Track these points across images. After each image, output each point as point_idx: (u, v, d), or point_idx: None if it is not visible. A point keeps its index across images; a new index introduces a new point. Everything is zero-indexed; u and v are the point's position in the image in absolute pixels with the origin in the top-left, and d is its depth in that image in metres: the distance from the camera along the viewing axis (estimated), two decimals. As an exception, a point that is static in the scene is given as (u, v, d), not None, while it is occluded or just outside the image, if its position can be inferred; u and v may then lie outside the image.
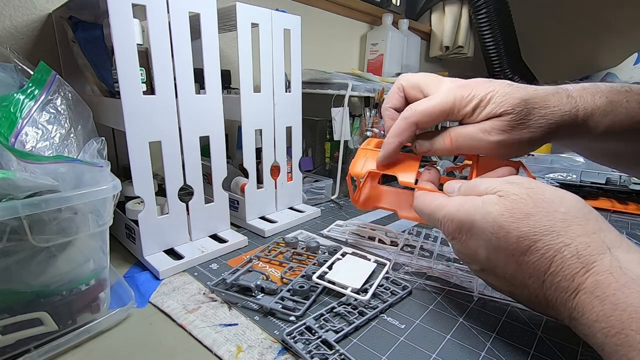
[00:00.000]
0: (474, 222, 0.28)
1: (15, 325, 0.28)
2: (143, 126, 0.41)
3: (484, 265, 0.30)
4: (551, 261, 0.24)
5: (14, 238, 0.26)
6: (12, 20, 0.55)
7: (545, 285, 0.25)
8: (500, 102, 0.33)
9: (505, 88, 0.34)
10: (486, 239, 0.28)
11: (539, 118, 0.33)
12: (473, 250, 0.29)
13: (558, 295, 0.25)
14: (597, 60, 1.71)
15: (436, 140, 0.37)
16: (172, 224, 0.46)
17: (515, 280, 0.28)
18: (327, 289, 0.38)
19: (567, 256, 0.24)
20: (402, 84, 0.40)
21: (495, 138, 0.33)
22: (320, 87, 0.78)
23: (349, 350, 0.30)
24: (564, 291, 0.24)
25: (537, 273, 0.25)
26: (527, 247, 0.25)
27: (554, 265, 0.24)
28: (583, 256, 0.24)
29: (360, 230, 0.54)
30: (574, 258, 0.24)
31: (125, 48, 0.38)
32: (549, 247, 0.25)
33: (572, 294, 0.24)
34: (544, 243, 0.25)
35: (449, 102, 0.35)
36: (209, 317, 0.35)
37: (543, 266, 0.25)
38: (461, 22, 1.46)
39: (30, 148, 0.36)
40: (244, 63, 0.51)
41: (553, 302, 0.25)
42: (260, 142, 0.56)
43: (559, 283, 0.24)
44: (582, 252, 0.24)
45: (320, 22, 1.08)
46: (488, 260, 0.29)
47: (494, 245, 0.27)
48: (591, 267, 0.23)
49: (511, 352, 0.31)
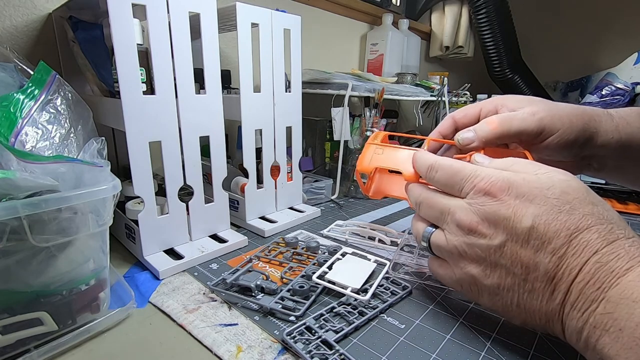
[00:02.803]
0: (535, 188, 0.27)
1: (15, 325, 0.28)
2: (143, 126, 0.41)
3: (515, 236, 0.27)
4: (609, 243, 0.25)
5: (14, 238, 0.26)
6: (12, 20, 0.55)
7: (587, 264, 0.25)
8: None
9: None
10: (545, 208, 0.26)
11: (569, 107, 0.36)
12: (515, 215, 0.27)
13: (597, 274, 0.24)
14: (597, 60, 1.71)
15: (479, 128, 0.36)
16: (172, 224, 0.46)
17: (545, 258, 0.26)
18: (327, 289, 0.38)
19: (627, 245, 0.25)
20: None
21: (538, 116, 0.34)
22: (320, 87, 0.78)
23: (349, 350, 0.30)
24: (611, 270, 0.24)
25: (585, 251, 0.25)
26: (589, 226, 0.25)
27: (609, 247, 0.24)
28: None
29: (360, 230, 0.54)
30: (633, 247, 0.24)
31: (125, 48, 0.38)
32: (611, 232, 0.25)
33: (619, 272, 0.23)
34: (607, 228, 0.25)
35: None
36: (209, 317, 0.35)
37: (596, 246, 0.25)
38: (461, 22, 1.46)
39: (30, 148, 0.36)
40: (244, 63, 0.51)
41: (582, 283, 0.25)
42: (260, 142, 0.56)
43: (607, 262, 0.24)
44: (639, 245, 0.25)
45: (320, 22, 1.08)
46: (530, 230, 0.26)
47: (552, 215, 0.26)
48: None
49: (511, 352, 0.31)
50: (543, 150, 0.36)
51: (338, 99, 0.73)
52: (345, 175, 0.74)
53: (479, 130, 0.35)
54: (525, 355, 0.30)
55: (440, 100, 1.03)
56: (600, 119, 0.36)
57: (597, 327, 0.24)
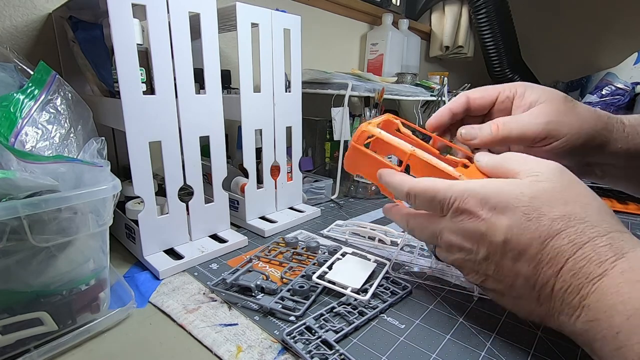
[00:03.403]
0: (503, 200, 0.27)
1: (15, 325, 0.28)
2: (143, 126, 0.41)
3: (494, 249, 0.27)
4: (580, 247, 0.24)
5: (14, 238, 0.26)
6: (12, 20, 0.55)
7: (562, 272, 0.25)
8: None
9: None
10: (514, 219, 0.26)
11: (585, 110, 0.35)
12: (490, 230, 0.27)
13: (574, 281, 0.24)
14: (597, 60, 1.71)
15: (482, 129, 0.36)
16: (172, 224, 0.46)
17: (524, 267, 0.26)
18: (327, 289, 0.38)
19: (599, 245, 0.24)
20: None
21: (543, 119, 0.33)
22: (320, 87, 0.78)
23: (349, 350, 0.30)
24: (585, 276, 0.24)
25: (558, 258, 0.25)
26: (558, 231, 0.25)
27: (580, 252, 0.24)
28: (616, 246, 0.24)
29: (360, 230, 0.54)
30: (606, 247, 0.24)
31: (125, 48, 0.38)
32: (582, 233, 0.25)
33: (594, 279, 0.23)
34: (577, 230, 0.25)
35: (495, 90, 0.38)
36: (209, 317, 0.35)
37: (568, 251, 0.25)
38: (461, 22, 1.46)
39: (30, 148, 0.36)
40: (244, 63, 0.51)
41: (561, 290, 0.25)
42: (260, 142, 0.56)
43: (580, 269, 0.24)
44: (616, 243, 0.24)
45: (320, 22, 1.08)
46: (505, 243, 0.27)
47: (521, 226, 0.26)
48: (623, 255, 0.23)
49: (511, 352, 0.31)
50: (544, 154, 0.35)
51: (338, 99, 0.73)
52: (345, 175, 0.74)
53: (482, 131, 0.35)
54: (525, 355, 0.30)
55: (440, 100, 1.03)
56: (613, 127, 0.35)
57: (584, 334, 0.24)
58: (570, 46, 1.84)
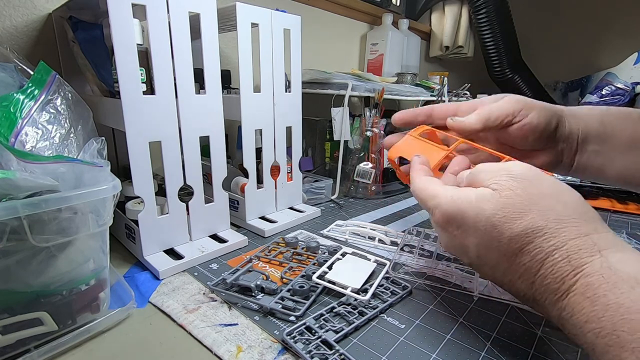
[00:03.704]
0: (466, 219, 0.28)
1: (15, 325, 0.28)
2: (143, 126, 0.41)
3: (474, 261, 0.29)
4: (542, 263, 0.24)
5: (14, 238, 0.26)
6: (12, 20, 0.55)
7: (534, 286, 0.25)
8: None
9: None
10: (478, 237, 0.27)
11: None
12: (463, 245, 0.29)
13: (547, 296, 0.24)
14: (597, 60, 1.71)
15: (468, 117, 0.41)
16: (172, 224, 0.46)
17: (505, 278, 0.27)
18: (327, 289, 0.38)
19: (558, 259, 0.24)
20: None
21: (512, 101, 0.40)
22: (320, 87, 0.78)
23: (349, 350, 0.30)
24: (554, 293, 0.24)
25: (528, 274, 0.25)
26: (519, 249, 0.25)
27: (544, 268, 0.24)
28: (573, 259, 0.23)
29: (360, 230, 0.54)
30: (564, 261, 0.24)
31: (125, 48, 0.38)
32: (540, 249, 0.25)
33: (562, 295, 0.24)
34: (535, 245, 0.25)
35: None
36: (209, 317, 0.35)
37: (534, 268, 0.25)
38: (461, 22, 1.46)
39: (30, 148, 0.36)
40: (244, 63, 0.51)
41: (542, 302, 0.25)
42: (260, 142, 0.56)
43: (548, 285, 0.24)
44: (573, 255, 0.24)
45: (320, 22, 1.08)
46: (478, 258, 0.28)
47: (485, 243, 0.27)
48: (581, 270, 0.23)
49: (511, 352, 0.31)
50: (519, 139, 0.40)
51: (338, 99, 0.73)
52: (345, 175, 0.74)
53: (467, 117, 0.41)
54: (525, 355, 0.30)
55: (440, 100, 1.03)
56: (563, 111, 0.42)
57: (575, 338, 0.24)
58: (570, 46, 1.84)
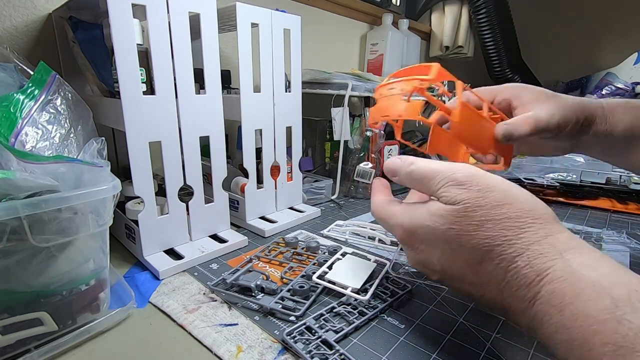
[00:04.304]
0: (425, 234, 0.27)
1: (15, 325, 0.28)
2: (143, 126, 0.41)
3: (441, 276, 0.29)
4: (506, 270, 0.24)
5: (14, 238, 0.26)
6: (12, 20, 0.55)
7: (503, 294, 0.25)
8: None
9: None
10: (440, 249, 0.27)
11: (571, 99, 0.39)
12: (428, 259, 0.28)
13: (516, 304, 0.24)
14: (597, 60, 1.71)
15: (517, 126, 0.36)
16: (172, 224, 0.46)
17: (474, 289, 0.27)
18: (327, 289, 0.38)
19: (521, 265, 0.23)
20: None
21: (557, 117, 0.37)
22: (320, 87, 0.78)
23: (349, 350, 0.30)
24: (521, 300, 0.23)
25: (495, 281, 0.25)
26: (481, 258, 0.25)
27: (509, 275, 0.24)
28: (535, 265, 0.23)
29: (360, 230, 0.54)
30: (527, 268, 0.23)
31: (125, 48, 0.38)
32: (502, 257, 0.24)
33: (529, 303, 0.23)
34: (496, 253, 0.24)
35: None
36: (209, 317, 0.35)
37: (499, 275, 0.24)
38: (461, 22, 1.46)
39: (30, 148, 0.36)
40: (244, 63, 0.51)
41: (512, 310, 0.25)
42: (260, 142, 0.56)
43: (515, 292, 0.24)
44: (534, 260, 0.23)
45: (320, 22, 1.08)
46: (444, 272, 0.28)
47: (448, 255, 0.27)
48: (544, 275, 0.22)
49: (511, 352, 0.31)
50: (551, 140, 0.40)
51: (338, 99, 0.73)
52: (345, 175, 0.74)
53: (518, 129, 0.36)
54: (525, 355, 0.30)
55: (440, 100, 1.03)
56: (597, 112, 0.40)
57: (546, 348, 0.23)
58: (570, 46, 1.84)
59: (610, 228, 0.59)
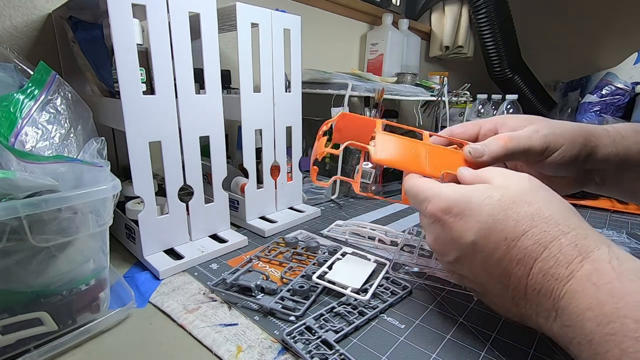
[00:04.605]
0: (471, 202, 0.28)
1: (15, 325, 0.28)
2: (143, 126, 0.41)
3: (464, 253, 0.28)
4: (546, 247, 0.25)
5: (14, 238, 0.26)
6: (12, 20, 0.55)
7: (532, 273, 0.25)
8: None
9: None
10: (481, 221, 0.27)
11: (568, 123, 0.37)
12: (458, 233, 0.28)
13: (545, 283, 0.24)
14: (597, 60, 1.71)
15: (489, 145, 0.36)
16: (172, 224, 0.46)
17: (497, 269, 0.27)
18: (327, 289, 0.38)
19: (565, 244, 0.24)
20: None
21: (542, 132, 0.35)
22: (320, 87, 0.78)
23: (349, 350, 0.30)
24: (555, 278, 0.24)
25: (527, 259, 0.25)
26: (524, 232, 0.25)
27: (547, 252, 0.24)
28: (581, 245, 0.24)
29: (360, 230, 0.54)
30: (571, 246, 0.24)
31: (125, 48, 0.38)
32: (546, 232, 0.25)
33: (563, 280, 0.23)
34: (541, 229, 0.25)
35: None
36: (209, 317, 0.35)
37: (535, 252, 0.25)
38: (461, 22, 1.46)
39: (30, 148, 0.36)
40: (244, 63, 0.51)
41: (535, 292, 0.25)
42: (260, 142, 0.56)
43: (549, 270, 0.24)
44: (581, 241, 0.24)
45: (320, 22, 1.08)
46: (474, 245, 0.28)
47: (488, 227, 0.27)
48: (589, 256, 0.23)
49: (511, 352, 0.31)
50: (547, 167, 0.36)
51: (338, 99, 0.73)
52: (345, 175, 0.74)
53: (489, 145, 0.35)
54: (525, 355, 0.30)
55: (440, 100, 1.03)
56: (599, 133, 0.37)
57: (562, 338, 0.24)
58: (570, 46, 1.84)
59: (610, 228, 0.59)
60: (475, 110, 1.16)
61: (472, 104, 1.18)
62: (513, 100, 1.09)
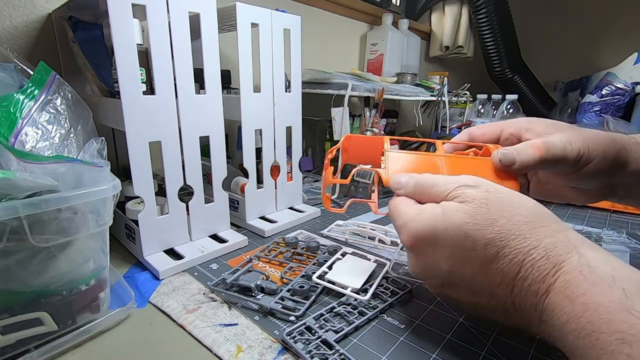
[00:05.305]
0: (437, 233, 0.27)
1: (15, 325, 0.28)
2: (143, 126, 0.41)
3: (446, 279, 0.28)
4: (520, 265, 0.24)
5: (14, 238, 0.26)
6: (12, 20, 0.55)
7: (514, 292, 0.25)
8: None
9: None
10: (451, 251, 0.26)
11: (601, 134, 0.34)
12: (434, 262, 0.28)
13: (528, 299, 0.24)
14: (597, 60, 1.71)
15: (521, 152, 0.32)
16: (172, 224, 0.46)
17: (482, 291, 0.27)
18: (327, 289, 0.38)
19: (537, 258, 0.24)
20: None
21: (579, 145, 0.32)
22: (320, 87, 0.78)
23: (349, 350, 0.30)
24: (535, 294, 0.24)
25: (506, 279, 0.25)
26: (495, 254, 0.25)
27: (523, 269, 0.24)
28: (552, 256, 0.23)
29: (360, 230, 0.54)
30: (543, 259, 0.24)
31: (125, 48, 0.38)
32: (517, 251, 0.24)
33: (542, 295, 0.23)
34: (511, 248, 0.25)
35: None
36: (209, 317, 0.35)
37: (512, 271, 0.25)
38: (461, 22, 1.46)
39: (30, 148, 0.36)
40: (244, 63, 0.51)
41: (522, 307, 0.25)
42: (260, 142, 0.56)
43: (529, 287, 0.24)
44: (550, 252, 0.24)
45: (320, 22, 1.08)
46: (451, 273, 0.27)
47: (459, 256, 0.26)
48: (561, 267, 0.23)
49: (511, 352, 0.31)
50: (573, 179, 0.35)
51: (338, 99, 0.73)
52: (345, 175, 0.74)
53: (521, 154, 0.32)
54: (525, 355, 0.30)
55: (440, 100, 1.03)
56: (631, 148, 0.34)
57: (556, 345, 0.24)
58: (570, 46, 1.84)
59: (610, 228, 0.59)
60: (475, 110, 1.16)
61: (472, 104, 1.18)
62: (513, 100, 1.09)
